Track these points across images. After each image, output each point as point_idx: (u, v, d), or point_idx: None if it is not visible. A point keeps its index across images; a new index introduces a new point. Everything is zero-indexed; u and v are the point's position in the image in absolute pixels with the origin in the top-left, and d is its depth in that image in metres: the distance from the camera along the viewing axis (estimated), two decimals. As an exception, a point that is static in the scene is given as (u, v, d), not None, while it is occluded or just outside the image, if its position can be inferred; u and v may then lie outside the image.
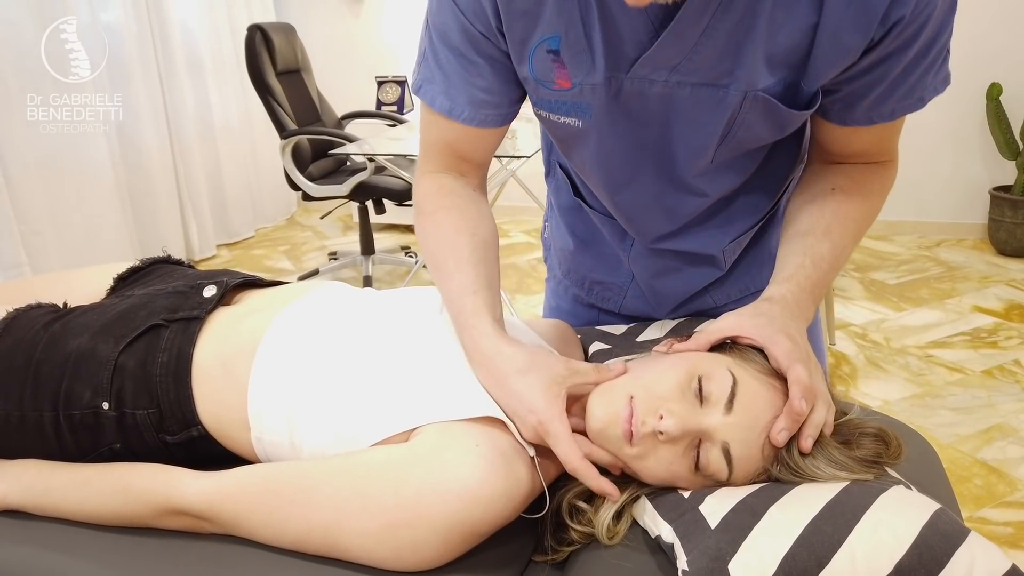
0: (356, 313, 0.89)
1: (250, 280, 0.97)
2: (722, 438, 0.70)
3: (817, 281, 0.81)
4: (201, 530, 0.77)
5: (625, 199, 0.92)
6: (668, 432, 0.69)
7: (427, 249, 0.87)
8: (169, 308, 0.88)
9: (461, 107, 0.84)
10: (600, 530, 0.73)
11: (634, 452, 0.72)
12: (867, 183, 0.87)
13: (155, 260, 1.07)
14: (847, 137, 0.84)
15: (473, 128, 0.86)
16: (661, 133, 0.83)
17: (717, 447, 0.71)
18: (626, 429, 0.71)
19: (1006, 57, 3.61)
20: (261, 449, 0.82)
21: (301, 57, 3.56)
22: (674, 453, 0.72)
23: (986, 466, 2.02)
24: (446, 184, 0.90)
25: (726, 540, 0.64)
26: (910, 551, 0.61)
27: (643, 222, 0.95)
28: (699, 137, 0.81)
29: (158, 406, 0.83)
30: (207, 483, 0.76)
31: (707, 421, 0.70)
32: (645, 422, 0.71)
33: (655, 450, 0.72)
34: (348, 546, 0.70)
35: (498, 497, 0.70)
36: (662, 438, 0.70)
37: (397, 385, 0.79)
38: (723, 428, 0.70)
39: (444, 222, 0.86)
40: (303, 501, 0.72)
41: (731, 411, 0.70)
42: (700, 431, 0.71)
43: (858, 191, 0.86)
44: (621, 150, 0.85)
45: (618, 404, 0.72)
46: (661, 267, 1.00)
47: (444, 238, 0.85)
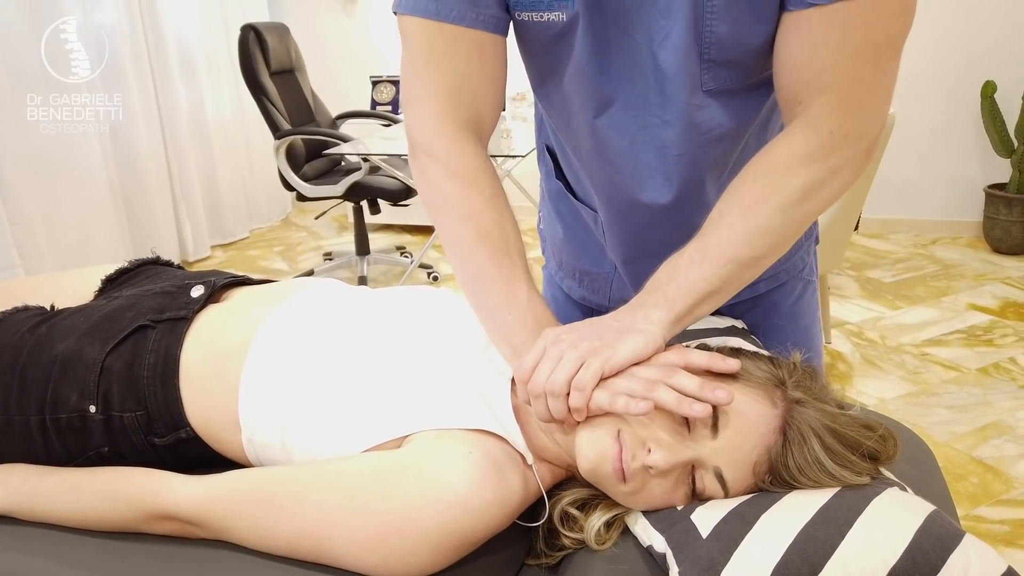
0: (351, 312, 0.88)
1: (240, 280, 0.96)
2: (713, 463, 0.70)
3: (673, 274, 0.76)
4: (190, 535, 0.76)
5: (608, 125, 0.83)
6: (657, 466, 0.69)
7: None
8: (156, 309, 0.87)
9: (450, 5, 0.75)
10: (589, 535, 0.72)
11: (628, 489, 0.71)
12: (783, 153, 0.75)
13: (144, 261, 1.05)
14: (788, 44, 0.74)
15: (468, 32, 0.76)
16: (642, 29, 0.77)
17: (710, 472, 0.70)
18: (617, 468, 0.70)
19: (1001, 55, 3.61)
20: (252, 451, 0.81)
21: (295, 57, 3.55)
22: (667, 484, 0.71)
23: (982, 464, 2.02)
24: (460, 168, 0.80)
25: (718, 549, 0.63)
26: (904, 556, 0.61)
27: (625, 175, 0.86)
28: (672, 25, 0.75)
29: (146, 408, 0.82)
30: (196, 488, 0.75)
31: (695, 449, 0.69)
32: (635, 456, 0.70)
33: (647, 484, 0.71)
34: (337, 553, 0.70)
35: (490, 505, 0.69)
36: (652, 472, 0.69)
37: (392, 389, 0.78)
38: (712, 454, 0.69)
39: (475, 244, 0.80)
40: (293, 507, 0.71)
41: (717, 435, 0.69)
42: (690, 460, 0.70)
43: (769, 164, 0.75)
44: (605, 52, 0.79)
45: (606, 440, 0.71)
46: (636, 250, 0.96)
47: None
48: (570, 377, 0.70)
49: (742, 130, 0.84)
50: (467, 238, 0.80)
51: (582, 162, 0.92)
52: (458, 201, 0.80)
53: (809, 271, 1.04)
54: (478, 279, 0.80)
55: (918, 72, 3.58)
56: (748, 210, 0.75)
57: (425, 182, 0.82)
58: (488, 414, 0.75)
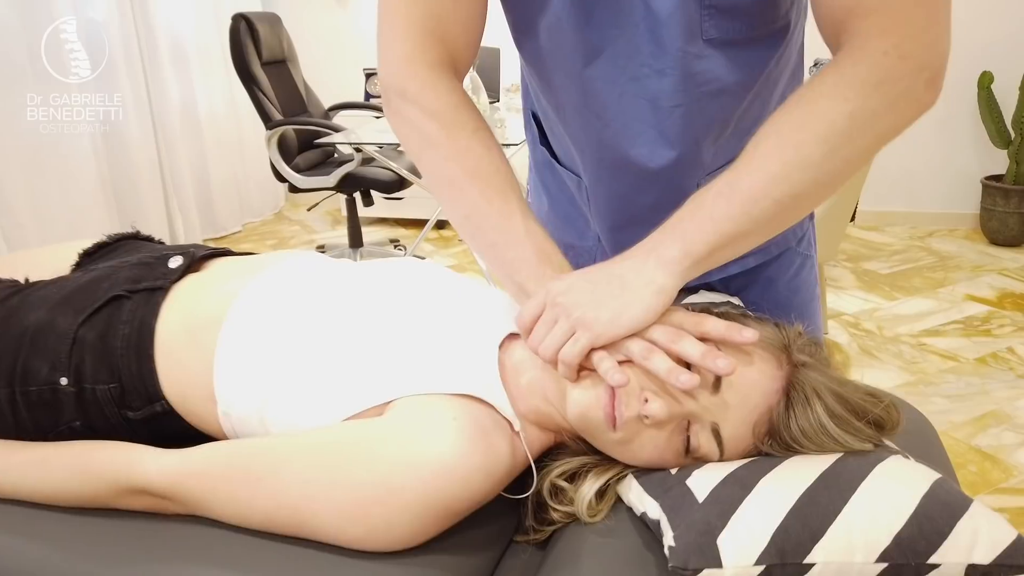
0: (332, 282, 0.85)
1: (220, 252, 0.93)
2: (711, 419, 0.67)
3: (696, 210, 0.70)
4: (165, 511, 0.73)
5: (596, 76, 0.79)
6: (654, 416, 0.66)
7: None
8: (132, 279, 0.84)
9: None
10: (580, 507, 0.69)
11: (618, 437, 0.68)
12: (830, 79, 0.67)
13: (124, 236, 1.02)
14: None
15: None
16: None
17: (707, 428, 0.67)
18: (608, 413, 0.67)
19: (997, 46, 3.59)
20: (229, 425, 0.78)
21: (287, 47, 3.51)
22: (660, 437, 0.68)
23: (981, 453, 2.00)
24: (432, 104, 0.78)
25: (714, 514, 0.60)
26: (910, 521, 0.58)
27: (615, 130, 0.81)
28: None
29: (119, 380, 0.79)
30: (170, 460, 0.72)
31: (694, 403, 0.67)
32: (629, 405, 0.67)
33: (640, 434, 0.68)
34: (318, 525, 0.67)
35: (476, 472, 0.66)
36: (648, 422, 0.67)
37: (373, 356, 0.75)
38: (712, 410, 0.67)
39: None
40: (271, 478, 0.68)
41: (718, 391, 0.66)
42: (687, 413, 0.67)
43: (814, 90, 0.67)
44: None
45: (598, 388, 0.68)
46: (623, 216, 0.91)
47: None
48: (558, 347, 0.68)
49: (744, 88, 0.79)
50: (455, 178, 0.77)
51: (567, 122, 0.87)
52: (441, 140, 0.77)
53: (807, 245, 1.01)
54: (471, 218, 0.77)
55: (914, 63, 3.55)
56: (787, 139, 0.66)
57: (403, 124, 0.79)
58: (474, 378, 0.73)
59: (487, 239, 0.77)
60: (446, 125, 0.77)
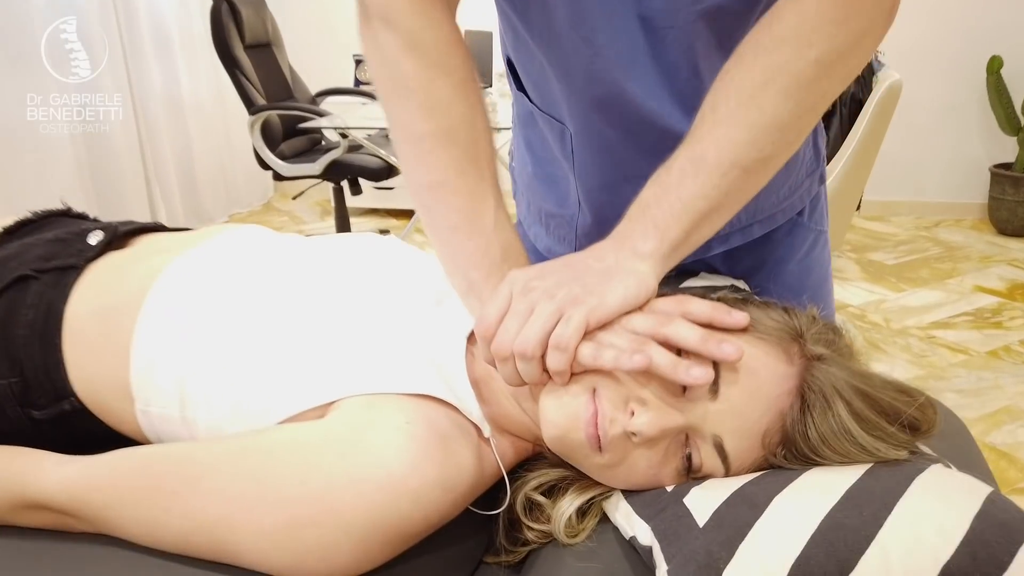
0: (274, 260, 0.73)
1: (151, 226, 0.82)
2: (712, 431, 0.56)
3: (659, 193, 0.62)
4: (67, 528, 0.62)
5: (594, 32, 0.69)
6: (642, 433, 0.54)
7: None
8: (43, 257, 0.73)
9: None
10: (558, 525, 0.58)
11: (604, 460, 0.57)
12: (790, 20, 0.60)
13: (52, 212, 0.90)
14: None
15: None
16: None
17: (708, 443, 0.56)
18: (591, 433, 0.56)
19: (1007, 28, 3.48)
20: (148, 425, 0.67)
21: (272, 31, 3.40)
22: (654, 456, 0.57)
23: (995, 451, 1.89)
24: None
25: (719, 541, 0.49)
26: (960, 549, 0.47)
27: (607, 58, 0.71)
28: None
29: (21, 374, 0.68)
30: (71, 469, 0.60)
31: (690, 413, 0.55)
32: (615, 420, 0.55)
33: (629, 455, 0.57)
34: (240, 549, 0.56)
35: (432, 488, 0.55)
36: (636, 440, 0.55)
37: (316, 349, 0.64)
38: (711, 420, 0.55)
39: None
40: (186, 493, 0.57)
41: (718, 395, 0.55)
42: (683, 426, 0.56)
43: (772, 37, 0.60)
44: None
45: (578, 400, 0.57)
46: (612, 174, 0.81)
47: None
48: (545, 334, 0.55)
49: (746, 9, 0.67)
50: (427, 135, 0.64)
51: (552, 56, 0.74)
52: (418, 85, 0.64)
53: (819, 219, 0.90)
54: (436, 189, 0.65)
55: (920, 47, 3.44)
56: (750, 98, 0.59)
57: (378, 56, 0.67)
58: (434, 376, 0.61)
59: (448, 220, 0.65)
60: (429, 66, 0.64)
